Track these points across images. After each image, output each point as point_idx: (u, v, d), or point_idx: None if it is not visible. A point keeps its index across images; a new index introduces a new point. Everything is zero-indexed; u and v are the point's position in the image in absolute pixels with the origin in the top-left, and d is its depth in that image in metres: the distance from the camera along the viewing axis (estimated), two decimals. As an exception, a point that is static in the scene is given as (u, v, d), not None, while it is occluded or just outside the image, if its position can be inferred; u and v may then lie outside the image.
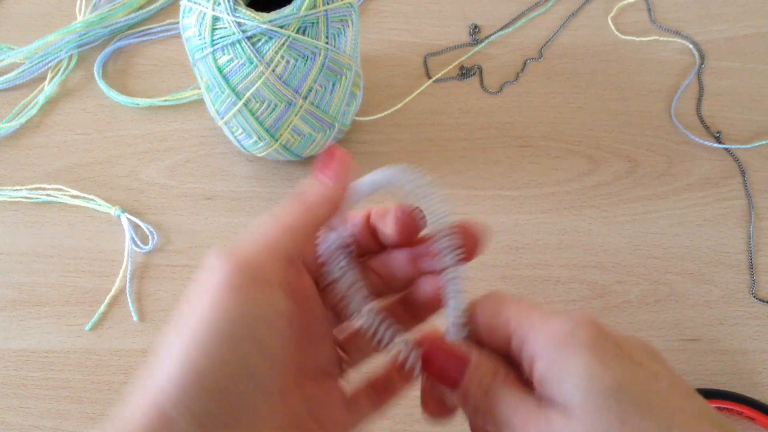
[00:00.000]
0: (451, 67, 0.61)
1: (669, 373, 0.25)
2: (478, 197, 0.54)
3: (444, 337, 0.28)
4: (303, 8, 0.44)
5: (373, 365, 0.31)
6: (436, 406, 0.29)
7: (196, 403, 0.22)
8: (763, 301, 0.50)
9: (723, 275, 0.51)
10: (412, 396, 0.46)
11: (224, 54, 0.45)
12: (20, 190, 0.55)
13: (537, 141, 0.57)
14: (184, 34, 0.47)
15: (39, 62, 0.60)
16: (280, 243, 0.26)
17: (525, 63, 0.61)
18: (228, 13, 0.44)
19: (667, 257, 0.51)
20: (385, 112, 0.58)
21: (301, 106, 0.48)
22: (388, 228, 0.29)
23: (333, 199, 0.28)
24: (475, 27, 0.63)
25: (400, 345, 0.28)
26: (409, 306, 0.31)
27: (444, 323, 0.29)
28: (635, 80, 0.60)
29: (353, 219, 0.31)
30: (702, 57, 0.61)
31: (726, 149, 0.56)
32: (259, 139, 0.51)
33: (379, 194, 0.29)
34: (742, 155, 0.56)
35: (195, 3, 0.46)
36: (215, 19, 0.45)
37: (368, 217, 0.30)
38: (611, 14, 0.63)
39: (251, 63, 0.45)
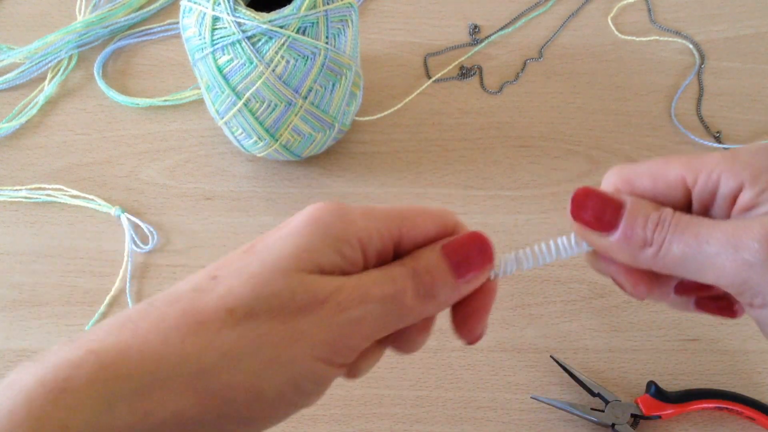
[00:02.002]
0: (451, 67, 0.61)
1: None
2: (478, 197, 0.54)
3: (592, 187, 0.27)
4: (303, 8, 0.44)
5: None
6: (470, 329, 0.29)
7: None
8: (763, 301, 0.50)
9: (723, 275, 0.51)
10: (412, 396, 0.46)
11: (224, 54, 0.45)
12: (20, 190, 0.55)
13: (537, 141, 0.57)
14: (184, 34, 0.47)
15: (39, 62, 0.60)
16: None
17: (525, 63, 0.61)
18: (228, 13, 0.44)
19: (667, 257, 0.51)
20: (385, 112, 0.58)
21: (301, 106, 0.48)
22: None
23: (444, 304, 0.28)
24: (475, 27, 0.63)
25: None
26: None
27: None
28: (635, 80, 0.60)
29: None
30: (702, 57, 0.61)
31: (726, 149, 0.56)
32: (259, 139, 0.51)
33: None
34: (742, 155, 0.56)
35: (195, 3, 0.46)
36: (215, 19, 0.45)
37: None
38: (611, 14, 0.63)
39: (251, 63, 0.45)
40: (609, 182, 0.28)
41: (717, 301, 0.29)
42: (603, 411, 0.44)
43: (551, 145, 0.56)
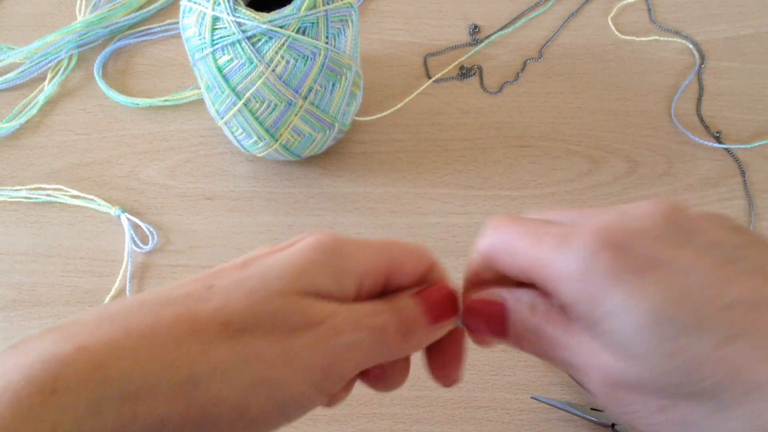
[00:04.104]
0: (451, 67, 0.61)
1: (705, 251, 0.23)
2: (478, 197, 0.54)
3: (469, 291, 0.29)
4: (303, 8, 0.44)
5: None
6: (444, 374, 0.30)
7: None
8: (763, 301, 0.50)
9: (723, 275, 0.51)
10: (412, 396, 0.46)
11: (224, 54, 0.45)
12: (20, 190, 0.55)
13: (537, 141, 0.57)
14: (184, 34, 0.47)
15: (39, 62, 0.60)
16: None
17: (525, 63, 0.61)
18: (228, 13, 0.44)
19: (667, 257, 0.51)
20: (385, 112, 0.58)
21: (301, 106, 0.48)
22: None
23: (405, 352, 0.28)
24: (475, 27, 0.63)
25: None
26: None
27: None
28: (635, 80, 0.60)
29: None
30: (702, 57, 0.61)
31: (726, 149, 0.56)
32: (259, 139, 0.51)
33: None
34: (742, 155, 0.56)
35: (195, 3, 0.46)
36: (215, 19, 0.45)
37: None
38: (611, 14, 0.63)
39: (251, 63, 0.45)
40: (476, 258, 0.29)
41: None
42: (603, 411, 0.44)
43: (551, 145, 0.56)
